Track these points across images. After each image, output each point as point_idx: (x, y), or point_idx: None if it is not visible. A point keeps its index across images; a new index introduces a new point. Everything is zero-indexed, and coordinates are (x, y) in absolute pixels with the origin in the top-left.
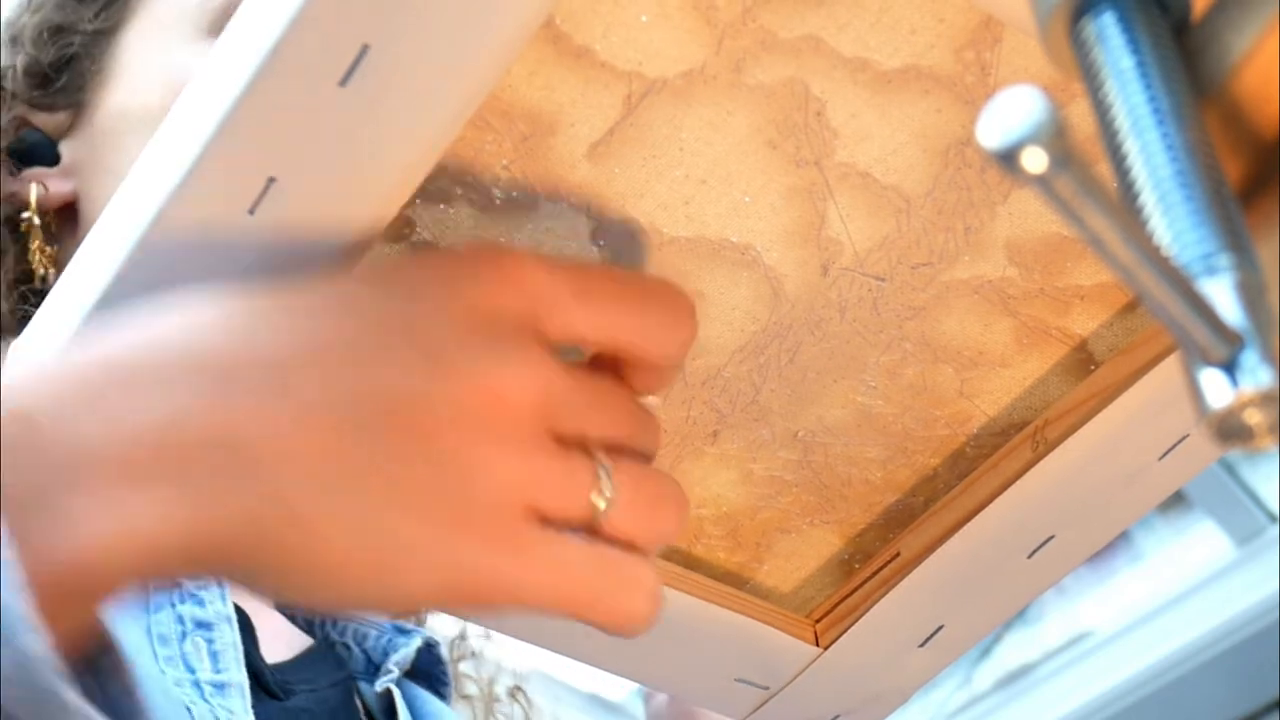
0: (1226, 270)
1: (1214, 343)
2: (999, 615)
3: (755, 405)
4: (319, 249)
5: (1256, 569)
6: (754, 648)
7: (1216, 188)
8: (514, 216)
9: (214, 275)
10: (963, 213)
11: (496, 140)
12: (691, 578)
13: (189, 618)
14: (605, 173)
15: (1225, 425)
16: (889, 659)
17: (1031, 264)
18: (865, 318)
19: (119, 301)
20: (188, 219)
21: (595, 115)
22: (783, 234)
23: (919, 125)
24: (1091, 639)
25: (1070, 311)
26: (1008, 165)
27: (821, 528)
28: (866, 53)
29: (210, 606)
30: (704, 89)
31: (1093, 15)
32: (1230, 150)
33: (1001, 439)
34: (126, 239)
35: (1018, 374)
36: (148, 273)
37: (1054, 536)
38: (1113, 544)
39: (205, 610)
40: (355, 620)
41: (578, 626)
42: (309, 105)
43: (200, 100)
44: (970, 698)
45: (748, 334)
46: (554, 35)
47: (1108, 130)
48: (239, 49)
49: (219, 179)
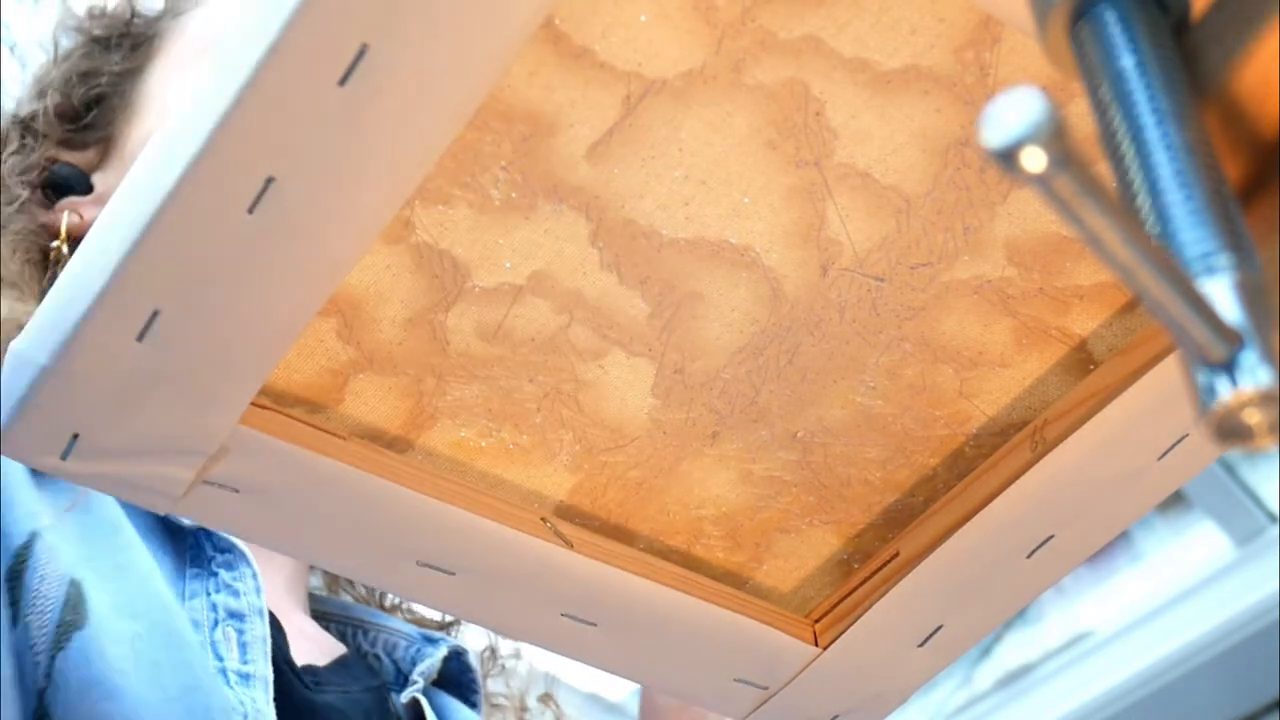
0: (1226, 270)
1: (1213, 342)
2: (999, 615)
3: (755, 406)
4: (318, 249)
5: (1256, 569)
6: (753, 648)
7: (1216, 187)
8: (513, 217)
9: (214, 275)
10: (962, 213)
11: (496, 141)
12: (691, 578)
13: (222, 606)
14: (604, 173)
15: (1224, 425)
16: (888, 659)
17: (1031, 264)
18: (865, 318)
19: (119, 301)
20: (187, 218)
21: (595, 116)
22: (782, 235)
23: (919, 125)
24: (1091, 639)
25: (1069, 311)
26: (1007, 165)
27: (821, 528)
28: (866, 53)
29: (244, 599)
30: (703, 89)
31: (1092, 15)
32: (1230, 150)
33: (1001, 439)
34: (126, 238)
35: (1017, 374)
36: (147, 272)
37: (1053, 536)
38: (1113, 544)
39: (239, 601)
40: (385, 630)
41: (578, 627)
42: (308, 105)
43: (200, 100)
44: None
45: (747, 335)
46: (554, 35)
47: (1107, 130)
48: (239, 49)
49: (219, 179)
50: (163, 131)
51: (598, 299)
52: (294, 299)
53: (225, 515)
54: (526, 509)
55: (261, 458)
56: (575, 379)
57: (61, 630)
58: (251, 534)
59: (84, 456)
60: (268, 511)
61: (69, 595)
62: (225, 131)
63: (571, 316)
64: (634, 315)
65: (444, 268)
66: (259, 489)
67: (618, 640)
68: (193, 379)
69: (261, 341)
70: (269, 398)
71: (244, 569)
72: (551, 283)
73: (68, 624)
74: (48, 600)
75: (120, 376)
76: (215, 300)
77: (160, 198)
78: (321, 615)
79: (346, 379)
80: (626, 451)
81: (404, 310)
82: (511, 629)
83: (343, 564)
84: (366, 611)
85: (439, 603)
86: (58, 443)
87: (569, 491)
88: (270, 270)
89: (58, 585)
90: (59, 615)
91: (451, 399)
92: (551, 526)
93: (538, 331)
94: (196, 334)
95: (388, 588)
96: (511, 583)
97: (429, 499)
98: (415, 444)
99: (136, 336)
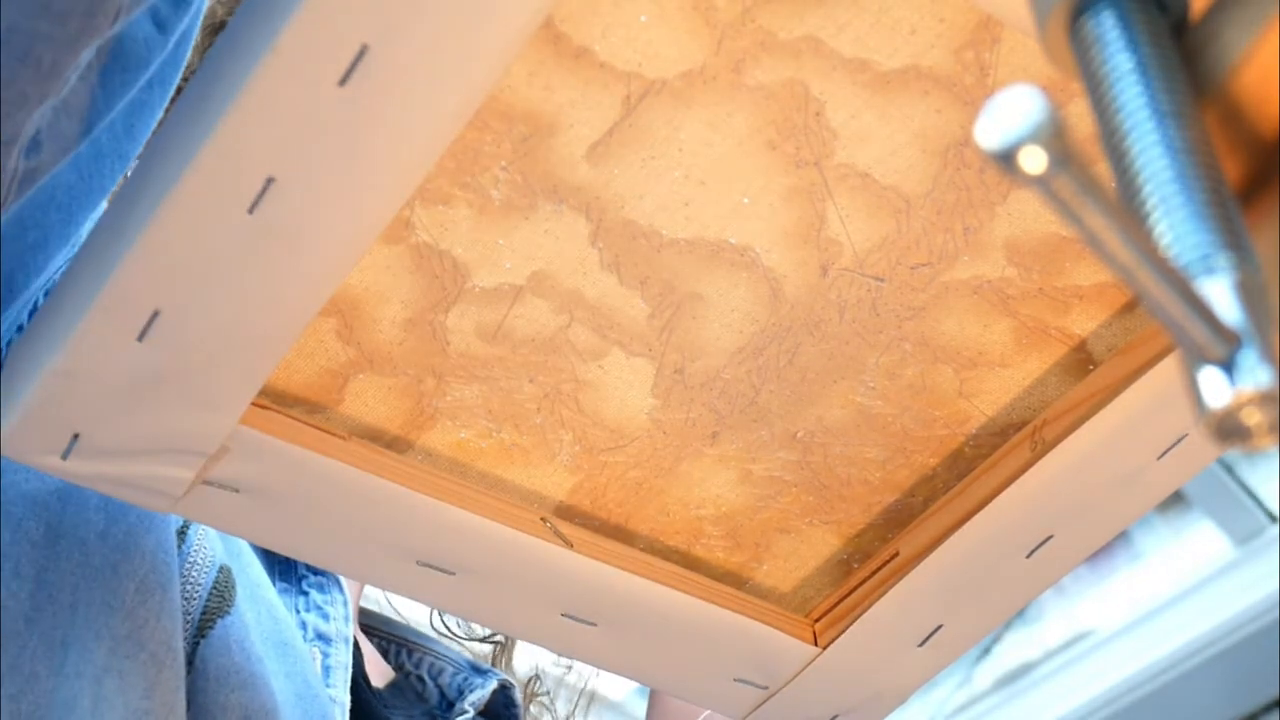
0: (1225, 270)
1: (1213, 342)
2: (998, 615)
3: (754, 406)
4: (318, 248)
5: (1256, 569)
6: (753, 648)
7: (1216, 187)
8: (513, 217)
9: (214, 275)
10: (962, 213)
11: (496, 141)
12: (691, 578)
13: (311, 627)
14: (604, 173)
15: (1224, 425)
16: (888, 659)
17: (1030, 264)
18: (864, 318)
19: (119, 301)
20: (187, 218)
21: (594, 116)
22: (782, 235)
23: (918, 126)
24: (1091, 639)
25: (1069, 311)
26: (1006, 165)
27: (820, 528)
28: (866, 53)
29: (333, 623)
30: (703, 90)
31: (1092, 15)
32: (1230, 150)
33: (1000, 439)
34: (126, 239)
35: (1016, 374)
36: (147, 272)
37: (1053, 536)
38: (1112, 544)
39: (329, 625)
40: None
41: (578, 627)
42: (308, 105)
43: (200, 100)
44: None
45: (747, 335)
46: (553, 35)
47: (1107, 130)
48: (238, 49)
49: (219, 179)
50: (163, 131)
51: (598, 299)
52: (294, 299)
53: (225, 515)
54: (526, 509)
55: (261, 458)
56: (575, 379)
57: (206, 616)
58: (251, 534)
59: (84, 456)
60: (268, 511)
61: (218, 580)
62: (225, 131)
63: (571, 316)
64: (634, 315)
65: (444, 268)
66: (259, 489)
67: (618, 640)
68: (193, 379)
69: (261, 341)
70: (269, 398)
71: (336, 595)
72: (551, 283)
73: (213, 609)
74: (197, 584)
75: (120, 376)
76: (215, 300)
77: (160, 198)
78: (367, 630)
79: (346, 379)
80: (626, 451)
81: (404, 310)
82: (511, 629)
83: (343, 564)
84: (411, 631)
85: (439, 603)
86: (58, 443)
87: (569, 491)
88: (270, 270)
89: (208, 569)
90: (205, 599)
91: (451, 399)
92: (551, 526)
93: (538, 332)
94: (196, 334)
95: (388, 588)
96: (511, 583)
97: (429, 499)
98: (415, 444)
99: (136, 336)
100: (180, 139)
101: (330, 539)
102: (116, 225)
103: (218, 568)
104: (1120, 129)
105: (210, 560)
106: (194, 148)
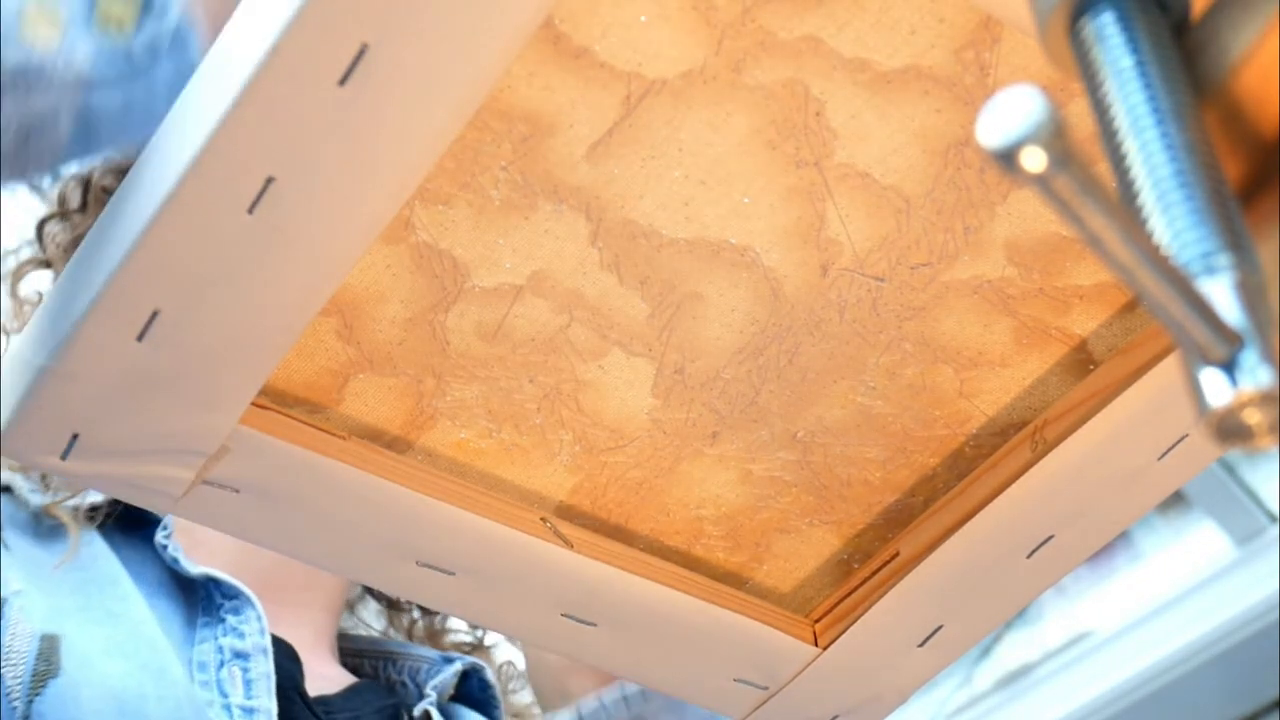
0: (1226, 270)
1: (1213, 342)
2: (999, 615)
3: (755, 406)
4: (318, 249)
5: (1256, 569)
6: (753, 648)
7: (1216, 187)
8: (513, 217)
9: (214, 275)
10: (962, 213)
11: (496, 141)
12: (691, 578)
13: (228, 648)
14: (604, 173)
15: (1225, 425)
16: (888, 659)
17: (1031, 264)
18: (864, 318)
19: (119, 301)
20: (187, 218)
21: (594, 116)
22: (782, 235)
23: (919, 125)
24: (1091, 639)
25: (1069, 311)
26: (1007, 165)
27: (821, 528)
28: (866, 53)
29: (249, 639)
30: (703, 89)
31: (1092, 15)
32: (1230, 150)
33: (1000, 439)
34: (127, 238)
35: (1017, 374)
36: (147, 272)
37: (1053, 536)
38: (1113, 544)
39: (244, 642)
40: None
41: (578, 627)
42: (308, 105)
43: (200, 100)
44: (970, 698)
45: (747, 335)
46: (554, 35)
47: (1107, 130)
48: (238, 48)
49: (219, 179)
50: (163, 131)
51: (597, 299)
52: (294, 299)
53: (225, 515)
54: (526, 509)
55: (261, 458)
56: (575, 379)
57: (36, 679)
58: (251, 534)
59: (84, 456)
60: (268, 511)
61: (41, 648)
62: (225, 131)
63: (571, 316)
64: (634, 315)
65: (444, 267)
66: (259, 489)
67: (618, 640)
68: (193, 379)
69: (261, 341)
70: (269, 398)
71: (249, 612)
72: (551, 283)
73: (41, 673)
74: (20, 654)
75: (120, 376)
76: (215, 300)
77: (160, 198)
78: (356, 653)
79: (346, 379)
80: (626, 451)
81: (404, 310)
82: (511, 629)
83: (343, 564)
84: (396, 644)
85: (439, 603)
86: (58, 443)
87: (569, 491)
88: (270, 270)
89: (29, 640)
90: (32, 666)
91: (451, 399)
92: (551, 526)
93: (538, 331)
94: (196, 334)
95: (388, 588)
96: (511, 583)
97: (429, 499)
98: (415, 444)
99: (136, 336)
100: (180, 139)
101: (330, 539)
102: (116, 225)
103: (39, 637)
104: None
105: (30, 633)
106: (194, 148)
